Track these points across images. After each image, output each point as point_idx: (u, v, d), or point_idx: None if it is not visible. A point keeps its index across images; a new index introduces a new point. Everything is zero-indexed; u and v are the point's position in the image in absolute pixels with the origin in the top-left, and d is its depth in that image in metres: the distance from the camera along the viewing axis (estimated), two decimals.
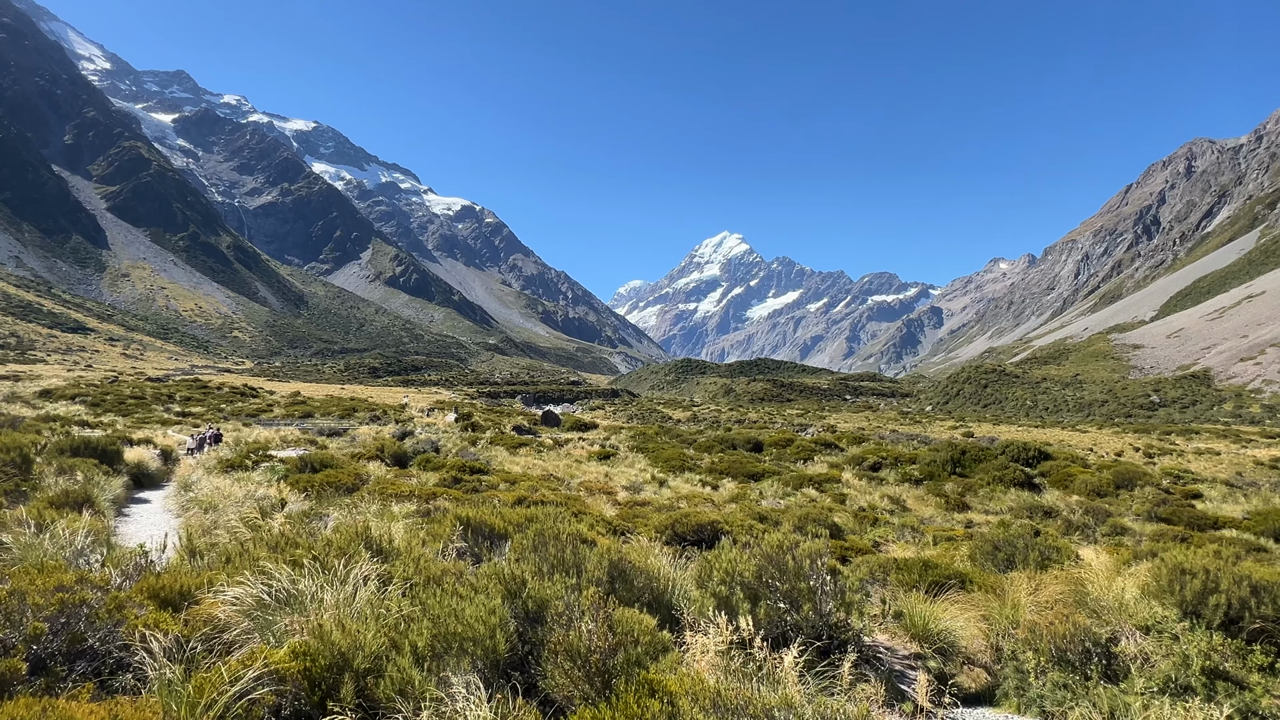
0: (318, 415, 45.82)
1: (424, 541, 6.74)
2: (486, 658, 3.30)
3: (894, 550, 11.41)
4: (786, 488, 20.21)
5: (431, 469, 18.36)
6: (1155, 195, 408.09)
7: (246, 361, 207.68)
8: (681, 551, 8.17)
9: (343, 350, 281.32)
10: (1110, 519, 15.54)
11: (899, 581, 7.37)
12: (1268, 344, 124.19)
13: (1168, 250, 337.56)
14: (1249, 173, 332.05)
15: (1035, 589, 6.03)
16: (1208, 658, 4.47)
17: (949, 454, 24.46)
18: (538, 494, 13.96)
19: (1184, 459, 40.32)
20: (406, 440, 26.14)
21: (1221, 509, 18.62)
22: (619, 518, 11.92)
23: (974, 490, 20.06)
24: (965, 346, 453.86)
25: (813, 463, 27.68)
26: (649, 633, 3.64)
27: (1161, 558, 5.45)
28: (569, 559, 4.76)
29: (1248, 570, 5.03)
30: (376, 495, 11.71)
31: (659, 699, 2.86)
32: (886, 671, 5.08)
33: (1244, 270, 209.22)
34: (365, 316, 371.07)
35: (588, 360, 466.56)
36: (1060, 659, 4.99)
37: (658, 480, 21.32)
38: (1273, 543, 12.72)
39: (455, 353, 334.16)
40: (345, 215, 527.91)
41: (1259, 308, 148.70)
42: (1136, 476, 22.71)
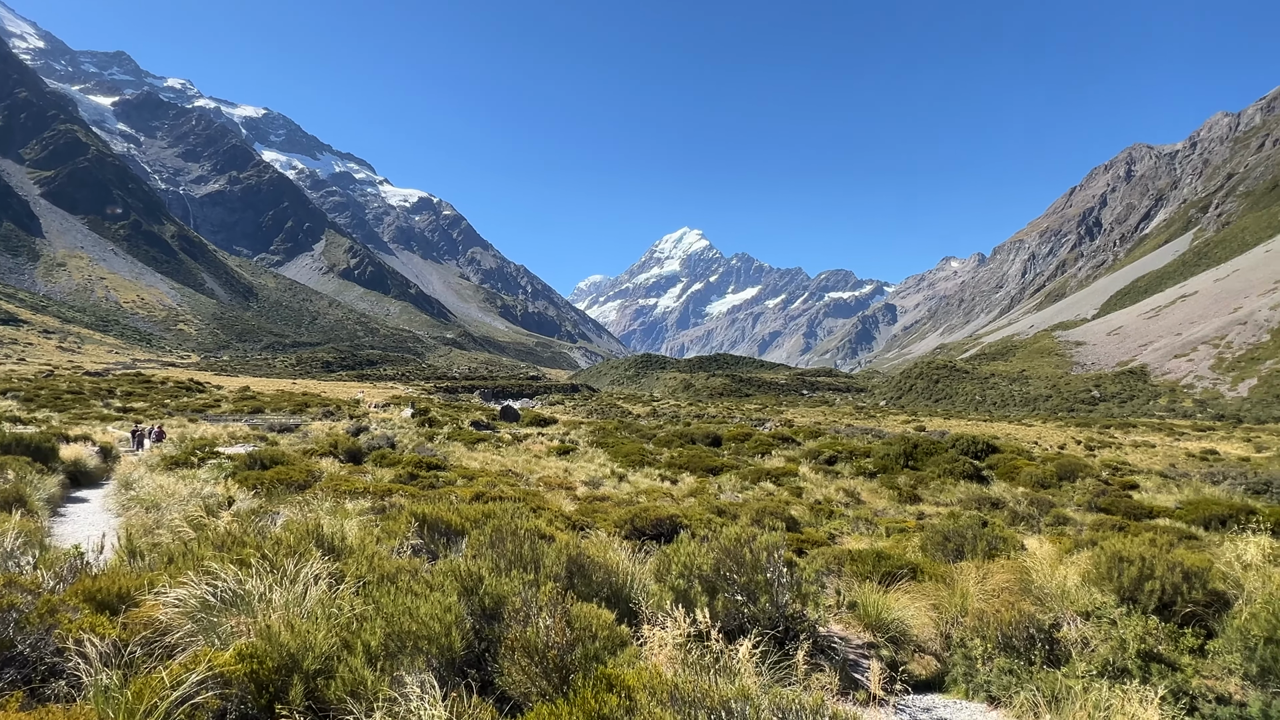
0: (268, 411, 44.56)
1: (379, 539, 6.61)
2: (442, 656, 3.25)
3: (849, 542, 11.63)
4: (745, 482, 20.42)
5: (387, 465, 18.03)
6: (1097, 198, 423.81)
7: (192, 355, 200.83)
8: (641, 546, 8.19)
9: (295, 344, 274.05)
10: (1054, 509, 16.11)
11: (853, 572, 7.51)
12: (1199, 342, 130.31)
13: (1108, 251, 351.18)
14: (1184, 178, 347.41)
15: (983, 578, 6.20)
16: (1143, 641, 4.66)
17: (902, 448, 25.04)
18: (496, 490, 13.82)
19: (1122, 451, 42.06)
20: (361, 436, 25.62)
21: (1156, 499, 19.45)
22: (578, 513, 11.88)
23: (926, 483, 20.57)
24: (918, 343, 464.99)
25: (770, 457, 28.02)
26: (607, 627, 3.63)
27: (1101, 546, 5.67)
28: (527, 555, 4.72)
29: (1180, 557, 5.27)
30: (330, 492, 11.44)
31: (617, 693, 2.85)
32: (841, 661, 5.18)
33: (1178, 271, 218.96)
34: (318, 310, 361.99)
35: (547, 355, 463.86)
36: (1006, 645, 5.15)
37: (617, 475, 21.32)
38: (1203, 530, 13.33)
39: (412, 347, 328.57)
40: (297, 205, 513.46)
41: (1192, 307, 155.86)
42: (1078, 468, 23.58)
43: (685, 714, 2.74)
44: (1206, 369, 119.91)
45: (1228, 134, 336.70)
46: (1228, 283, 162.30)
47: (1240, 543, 6.36)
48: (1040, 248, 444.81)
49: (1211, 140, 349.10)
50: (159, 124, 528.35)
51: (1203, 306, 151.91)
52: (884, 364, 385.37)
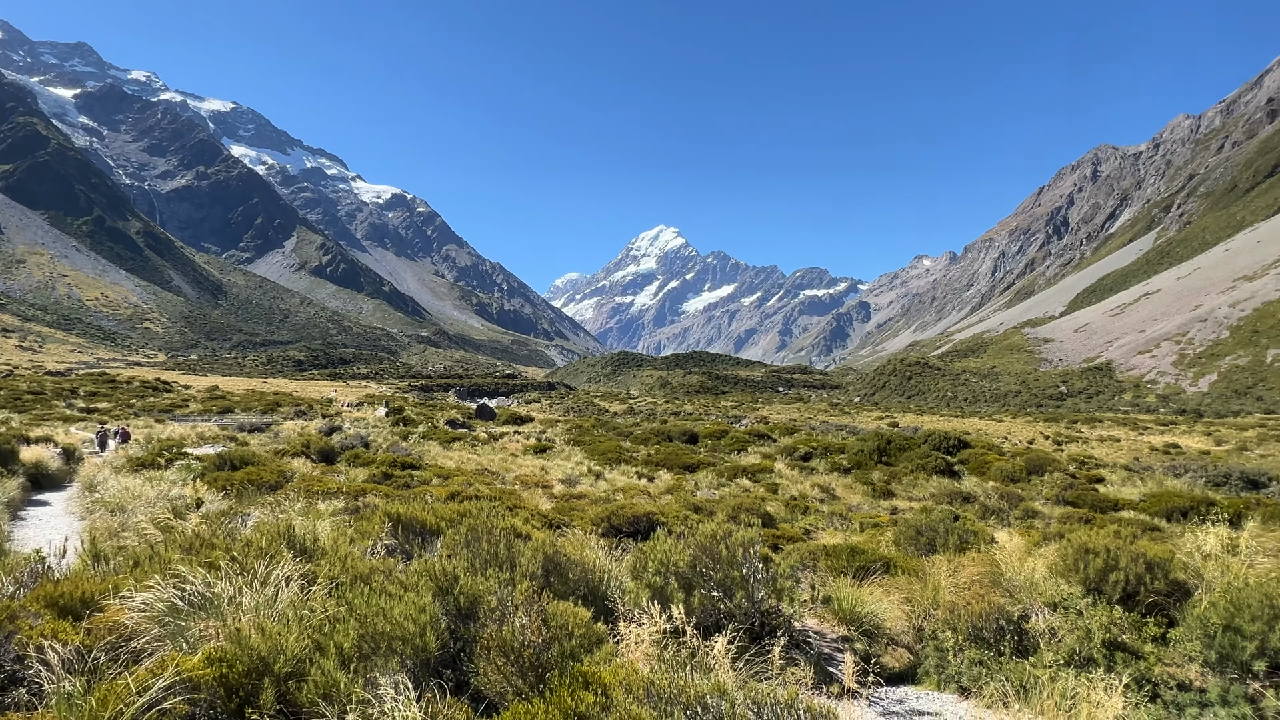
0: (238, 410, 43.76)
1: (352, 540, 6.53)
2: (416, 656, 3.22)
3: (824, 537, 11.74)
4: (721, 478, 20.52)
5: (361, 465, 17.81)
6: (1065, 197, 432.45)
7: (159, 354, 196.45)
8: (618, 543, 8.19)
9: (265, 343, 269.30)
10: (1023, 503, 16.42)
11: (828, 567, 7.59)
12: (1162, 338, 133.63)
13: (1075, 249, 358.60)
14: (1147, 178, 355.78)
15: (954, 571, 6.30)
16: (1108, 631, 4.78)
17: (875, 443, 25.34)
18: (472, 489, 13.73)
19: (1088, 446, 43.01)
20: (334, 436, 25.28)
21: (1121, 492, 19.92)
22: (555, 511, 11.85)
23: (899, 478, 20.85)
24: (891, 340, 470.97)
25: (746, 453, 28.19)
26: (583, 625, 3.63)
27: (1068, 539, 5.79)
28: (502, 554, 4.70)
29: (1143, 549, 5.40)
30: (302, 493, 11.28)
31: (593, 691, 2.85)
32: (816, 655, 5.23)
33: (1142, 269, 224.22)
34: (289, 307, 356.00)
35: (523, 353, 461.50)
36: (977, 637, 5.25)
37: (594, 473, 21.30)
38: (1166, 522, 13.69)
39: (386, 345, 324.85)
40: (267, 201, 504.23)
41: (1155, 304, 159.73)
42: (1046, 463, 24.06)
43: (661, 710, 2.75)
44: (1169, 365, 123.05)
45: (1189, 136, 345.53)
46: (1189, 281, 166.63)
47: (1200, 534, 6.53)
48: (1010, 246, 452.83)
49: (1174, 142, 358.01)
50: (123, 117, 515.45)
51: (1165, 304, 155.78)
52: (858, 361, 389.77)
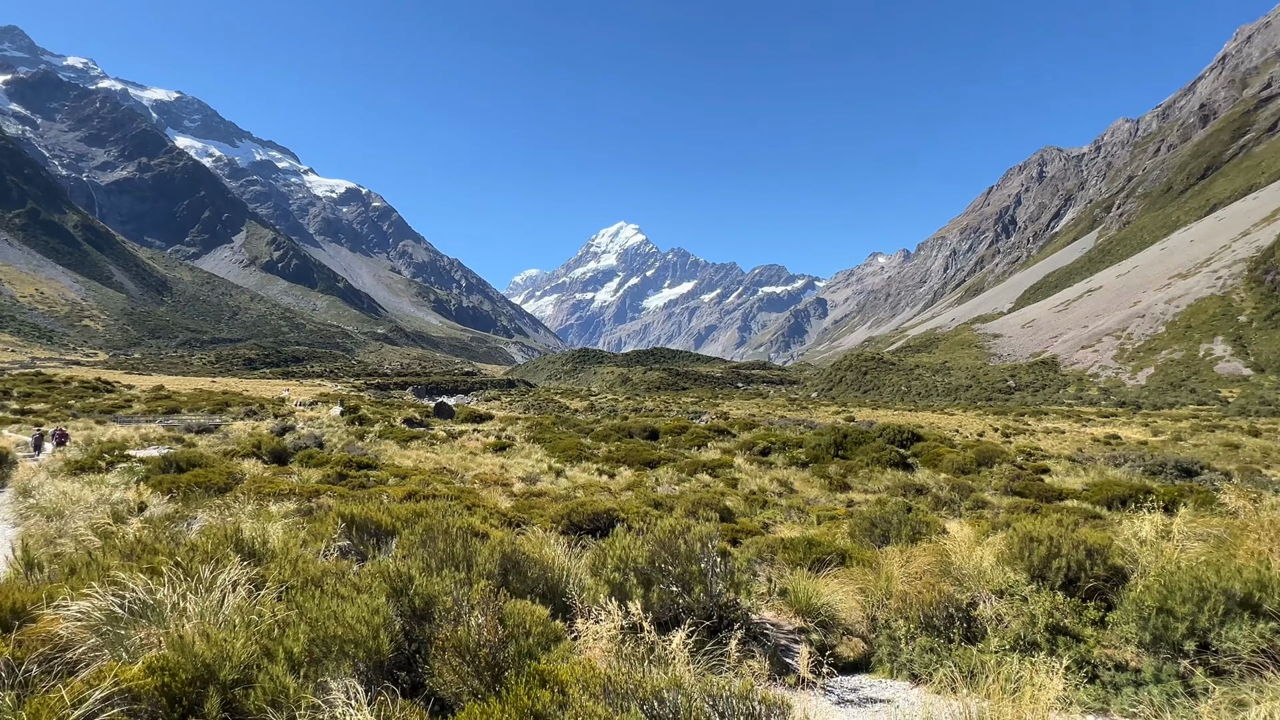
0: (185, 411, 42.31)
1: (304, 542, 6.38)
2: (369, 659, 3.17)
3: (782, 530, 11.91)
4: (681, 474, 20.64)
5: (314, 465, 17.41)
6: (1012, 197, 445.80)
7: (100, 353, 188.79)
8: (578, 540, 8.18)
9: (214, 341, 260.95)
10: (973, 494, 16.92)
11: (786, 560, 7.70)
12: (1104, 333, 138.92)
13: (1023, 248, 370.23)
14: (1090, 179, 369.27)
15: (906, 561, 6.46)
16: (1051, 616, 4.95)
17: (832, 438, 25.79)
18: (429, 488, 13.54)
19: (1035, 438, 44.48)
20: (287, 436, 24.65)
21: (1066, 482, 20.67)
22: (514, 509, 11.76)
23: (855, 471, 21.26)
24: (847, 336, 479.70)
25: (706, 449, 28.40)
26: (541, 623, 3.61)
27: (1014, 528, 5.98)
28: (459, 553, 4.65)
29: (1084, 536, 5.62)
30: (252, 495, 10.97)
31: (550, 689, 2.84)
32: (773, 646, 5.31)
33: (1085, 267, 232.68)
34: (239, 304, 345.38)
35: (483, 350, 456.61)
36: (928, 625, 5.39)
37: (554, 470, 21.21)
38: (1106, 510, 14.26)
39: (341, 343, 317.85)
40: (215, 195, 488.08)
41: (1097, 301, 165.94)
42: (995, 455, 24.82)
43: (618, 706, 2.76)
44: (1110, 359, 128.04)
45: (1128, 138, 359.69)
46: (1128, 278, 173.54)
47: (1137, 521, 6.81)
48: (961, 244, 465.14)
49: (1114, 144, 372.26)
50: (58, 105, 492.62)
51: (1106, 301, 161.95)
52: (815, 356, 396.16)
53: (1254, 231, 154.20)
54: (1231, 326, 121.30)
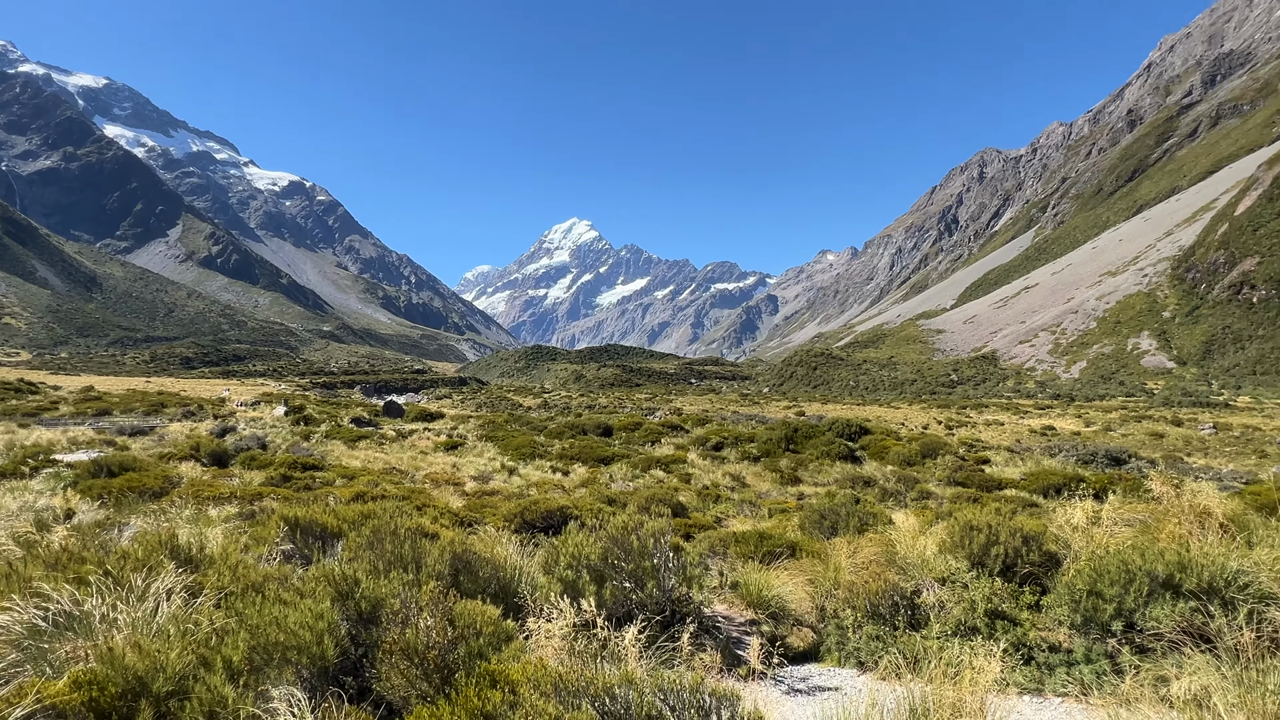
0: (117, 412, 40.41)
1: (246, 547, 6.18)
2: (313, 665, 3.08)
3: (734, 524, 12.05)
4: (635, 470, 20.68)
5: (257, 467, 16.86)
6: (955, 197, 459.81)
7: (22, 353, 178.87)
8: (531, 538, 8.13)
9: (148, 339, 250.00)
10: (918, 485, 17.41)
11: (737, 553, 7.80)
12: (1040, 329, 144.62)
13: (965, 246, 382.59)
14: (1027, 180, 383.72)
15: (854, 552, 6.61)
16: (989, 601, 5.14)
17: (783, 432, 26.21)
18: (378, 489, 13.26)
19: (976, 430, 46.06)
20: (228, 437, 23.79)
21: (1005, 472, 21.45)
22: (466, 508, 11.61)
23: (805, 465, 21.65)
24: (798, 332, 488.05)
25: (660, 445, 28.53)
26: (492, 623, 3.58)
27: (955, 517, 6.19)
28: (407, 554, 4.57)
29: (1020, 524, 5.84)
30: (190, 499, 10.57)
31: (500, 689, 2.82)
32: (725, 639, 5.37)
33: (1023, 265, 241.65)
34: (175, 301, 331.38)
35: (433, 348, 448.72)
36: (874, 613, 5.53)
37: (507, 469, 21.01)
38: (1043, 498, 14.85)
39: (285, 341, 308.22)
40: (148, 186, 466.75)
41: (1034, 298, 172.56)
42: (939, 446, 25.60)
43: (569, 704, 2.75)
44: (1046, 353, 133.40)
45: (1062, 142, 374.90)
46: (1062, 276, 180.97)
47: (1070, 508, 7.12)
48: (906, 242, 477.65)
49: (1049, 147, 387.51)
50: None
51: (1042, 297, 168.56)
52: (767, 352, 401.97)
53: (1177, 231, 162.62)
54: (1156, 322, 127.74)
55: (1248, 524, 5.77)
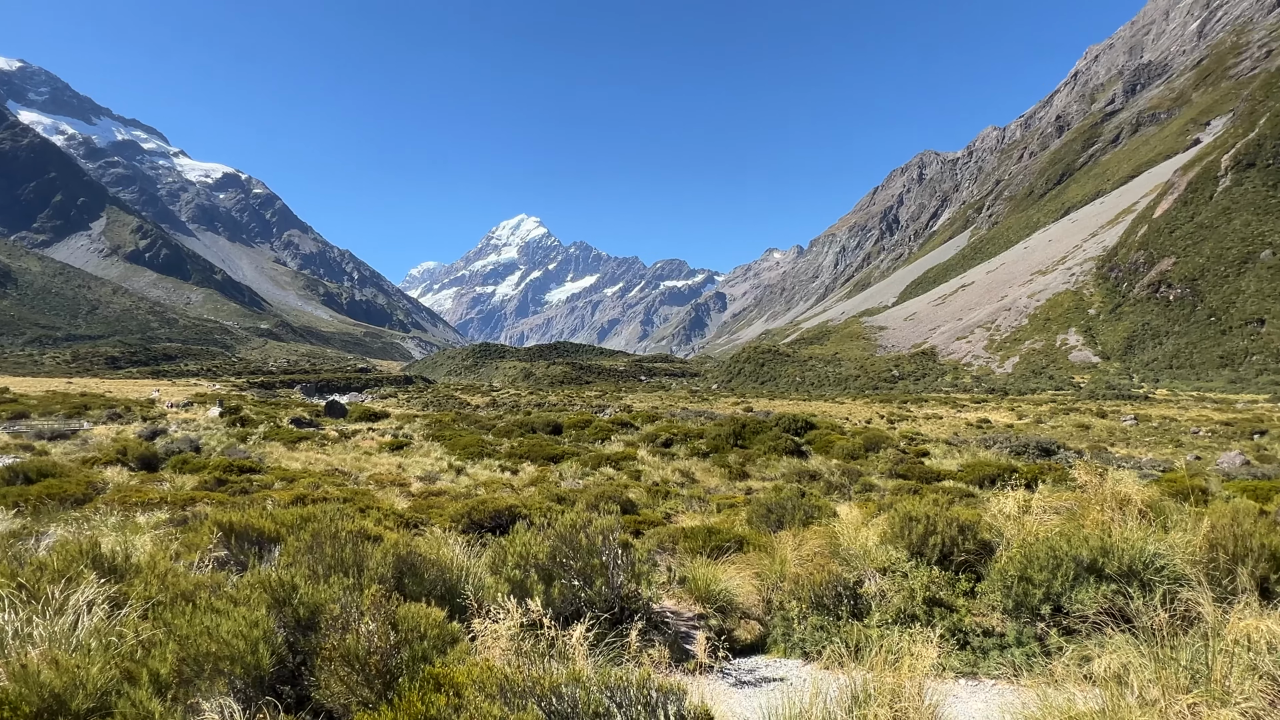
0: (35, 415, 38.17)
1: (176, 554, 5.93)
2: (248, 675, 2.97)
3: (683, 520, 12.14)
4: (585, 468, 20.63)
5: (190, 471, 16.18)
6: (895, 197, 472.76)
7: None
8: (479, 539, 8.03)
9: (70, 338, 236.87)
10: (862, 478, 17.86)
11: (686, 549, 7.86)
12: (976, 325, 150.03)
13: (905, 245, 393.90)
14: (963, 182, 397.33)
15: (800, 544, 6.74)
16: (928, 589, 5.32)
17: (731, 428, 26.53)
18: (320, 491, 12.88)
19: (917, 423, 47.50)
20: (158, 440, 22.75)
21: (943, 464, 22.20)
22: (412, 509, 11.39)
23: (753, 460, 21.97)
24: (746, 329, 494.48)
25: (610, 442, 28.52)
26: (437, 626, 3.52)
27: (895, 509, 6.37)
28: (349, 558, 4.45)
29: (956, 514, 6.05)
30: (117, 505, 10.07)
31: (445, 692, 2.77)
32: (673, 634, 5.41)
33: (959, 264, 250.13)
34: (100, 297, 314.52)
35: (377, 346, 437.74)
36: (818, 604, 5.65)
37: (455, 468, 20.69)
38: (979, 489, 15.43)
39: (219, 339, 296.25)
40: (68, 177, 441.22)
41: (970, 295, 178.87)
42: (882, 440, 26.31)
43: (515, 705, 2.73)
44: (981, 349, 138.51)
45: (996, 145, 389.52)
46: (996, 274, 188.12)
47: (1003, 498, 7.41)
48: (849, 241, 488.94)
49: (984, 150, 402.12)
50: None
51: (978, 295, 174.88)
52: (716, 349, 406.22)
53: (1101, 233, 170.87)
54: (1083, 319, 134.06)
55: (1164, 510, 6.11)
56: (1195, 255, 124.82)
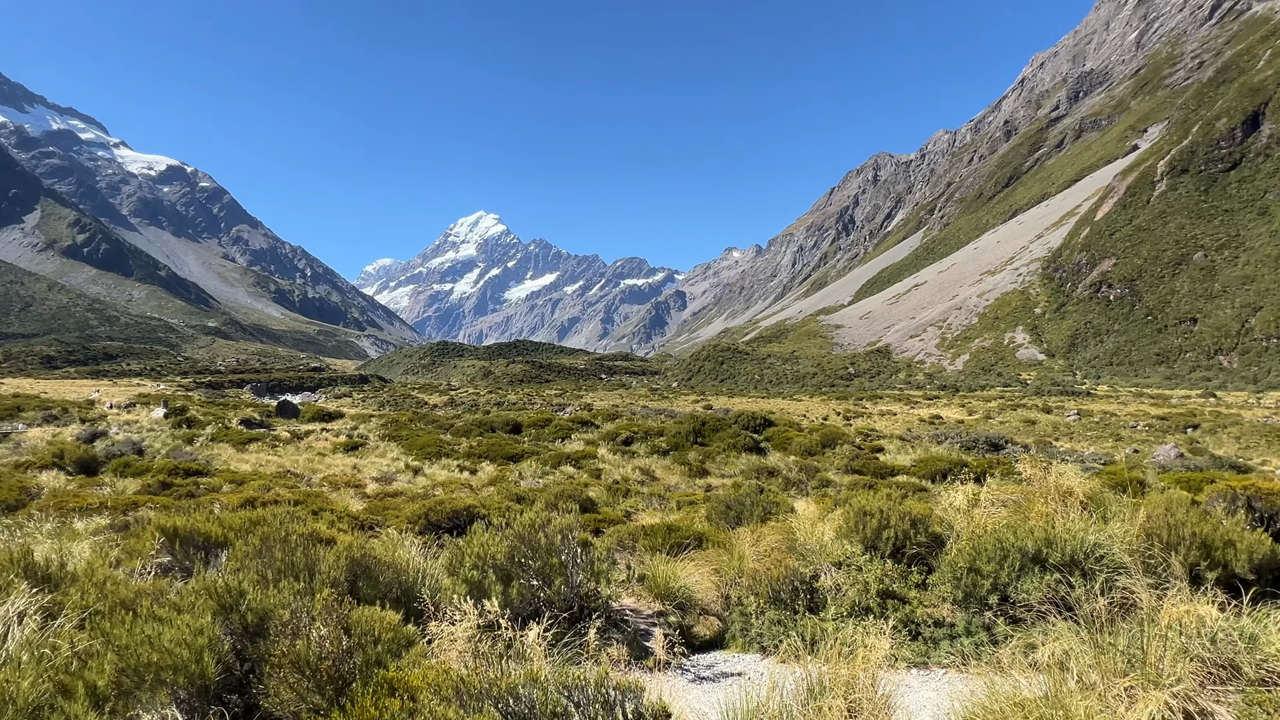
0: None
1: (117, 561, 5.71)
2: (192, 685, 2.88)
3: (643, 518, 12.16)
4: (545, 467, 20.51)
5: (132, 474, 15.59)
6: (851, 198, 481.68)
7: None
8: (436, 540, 7.93)
9: (1, 336, 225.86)
10: (818, 474, 18.15)
11: (646, 546, 7.88)
12: (928, 324, 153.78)
13: (860, 245, 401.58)
14: (916, 184, 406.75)
15: (758, 540, 6.82)
16: (881, 582, 5.43)
17: (691, 425, 26.69)
18: (271, 494, 12.54)
19: (872, 420, 48.48)
20: (98, 442, 21.86)
21: (897, 459, 22.71)
22: (367, 511, 11.17)
23: (713, 457, 22.14)
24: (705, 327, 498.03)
25: (570, 441, 28.42)
26: (392, 629, 3.46)
27: (850, 504, 6.49)
28: (300, 562, 4.34)
29: (909, 508, 6.19)
30: (53, 511, 9.66)
31: (399, 697, 2.73)
32: (632, 632, 5.42)
33: (913, 264, 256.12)
34: (34, 294, 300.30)
35: (331, 344, 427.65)
36: (776, 599, 5.72)
37: (412, 469, 20.36)
38: (931, 483, 15.82)
39: (164, 338, 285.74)
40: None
41: (923, 295, 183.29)
42: (838, 437, 26.79)
43: (471, 707, 2.70)
44: (933, 347, 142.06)
45: (948, 148, 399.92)
46: (948, 274, 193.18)
47: (953, 492, 7.61)
48: (807, 241, 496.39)
49: (936, 153, 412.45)
50: None
51: (930, 295, 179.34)
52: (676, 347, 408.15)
53: (1047, 234, 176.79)
54: (1029, 318, 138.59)
55: (1104, 501, 6.36)
56: (1134, 257, 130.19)
